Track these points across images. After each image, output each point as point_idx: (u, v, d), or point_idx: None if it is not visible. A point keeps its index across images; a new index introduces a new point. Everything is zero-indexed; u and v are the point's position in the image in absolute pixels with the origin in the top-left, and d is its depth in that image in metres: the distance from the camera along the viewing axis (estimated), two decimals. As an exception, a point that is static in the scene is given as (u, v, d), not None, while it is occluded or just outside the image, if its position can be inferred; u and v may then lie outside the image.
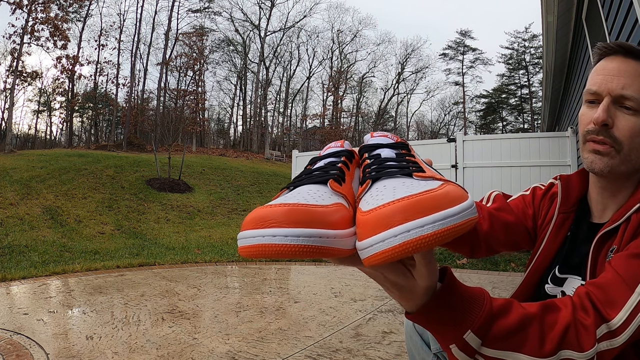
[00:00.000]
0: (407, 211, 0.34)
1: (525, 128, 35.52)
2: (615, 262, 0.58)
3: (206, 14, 31.57)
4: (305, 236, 0.36)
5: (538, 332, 0.49)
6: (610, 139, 0.67)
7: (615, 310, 0.52)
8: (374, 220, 0.35)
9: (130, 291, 3.41)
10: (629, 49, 0.68)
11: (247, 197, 12.20)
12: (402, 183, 0.41)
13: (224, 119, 37.87)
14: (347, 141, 0.58)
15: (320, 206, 0.39)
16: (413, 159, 0.47)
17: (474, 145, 6.00)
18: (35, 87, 28.39)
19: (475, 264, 4.86)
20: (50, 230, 7.15)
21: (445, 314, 0.47)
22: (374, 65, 37.89)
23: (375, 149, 0.50)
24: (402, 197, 0.36)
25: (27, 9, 19.87)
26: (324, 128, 34.58)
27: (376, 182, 0.43)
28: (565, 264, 0.76)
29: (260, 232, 0.36)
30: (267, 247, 0.36)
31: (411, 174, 0.43)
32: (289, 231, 0.36)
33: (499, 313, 0.49)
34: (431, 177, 0.43)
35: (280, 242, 0.36)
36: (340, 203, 0.42)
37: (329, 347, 2.20)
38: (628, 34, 2.37)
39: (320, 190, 0.44)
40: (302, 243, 0.36)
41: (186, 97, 29.68)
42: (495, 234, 0.83)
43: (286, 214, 0.37)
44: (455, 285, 0.49)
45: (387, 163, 0.46)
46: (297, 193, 0.42)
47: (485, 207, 0.87)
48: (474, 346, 0.47)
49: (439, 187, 0.38)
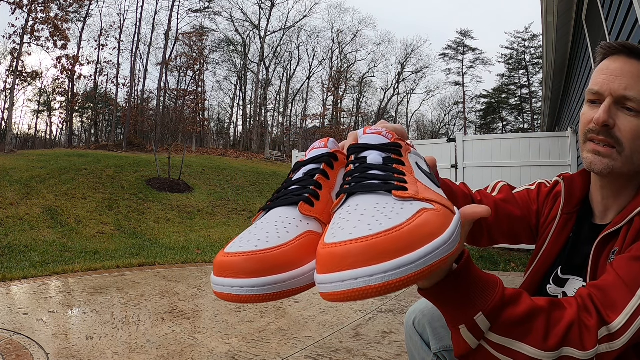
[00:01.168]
0: (359, 255, 0.31)
1: (525, 128, 35.53)
2: (617, 264, 0.57)
3: (206, 14, 31.59)
4: (260, 285, 0.38)
5: (544, 325, 0.49)
6: (612, 139, 0.66)
7: (616, 313, 0.52)
8: (327, 258, 0.33)
9: (130, 291, 3.41)
10: (633, 49, 0.67)
11: (247, 197, 12.20)
12: (375, 206, 0.37)
13: (224, 119, 37.91)
14: (331, 139, 0.56)
15: (279, 247, 0.40)
16: (401, 167, 0.43)
17: (474, 145, 6.00)
18: (35, 87, 28.41)
19: (475, 264, 4.87)
20: (50, 230, 7.15)
21: (460, 293, 0.48)
22: (374, 65, 37.82)
23: (363, 150, 0.46)
24: (359, 237, 0.32)
25: (27, 9, 19.86)
26: (324, 128, 34.56)
27: (351, 197, 0.41)
28: (567, 264, 0.76)
29: (221, 281, 0.39)
30: (228, 296, 0.39)
31: (390, 190, 0.39)
32: (244, 282, 0.38)
33: (510, 300, 0.49)
34: (412, 198, 0.38)
35: (238, 292, 0.38)
36: (306, 233, 0.43)
37: (329, 347, 2.20)
38: (628, 34, 2.36)
39: (289, 217, 0.45)
40: (258, 293, 0.38)
41: (186, 97, 29.68)
42: (499, 224, 0.83)
43: (241, 265, 0.38)
44: (472, 268, 0.49)
45: (370, 172, 0.43)
46: (264, 225, 0.44)
47: (490, 196, 0.86)
48: (482, 329, 0.48)
49: (411, 217, 0.35)
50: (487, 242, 0.85)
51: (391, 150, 0.45)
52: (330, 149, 0.54)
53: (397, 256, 0.31)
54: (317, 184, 0.49)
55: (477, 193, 0.85)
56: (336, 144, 0.56)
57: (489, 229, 0.82)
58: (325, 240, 0.34)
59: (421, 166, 0.47)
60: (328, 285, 0.32)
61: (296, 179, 0.51)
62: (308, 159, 0.53)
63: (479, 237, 0.83)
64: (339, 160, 0.53)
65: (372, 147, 0.46)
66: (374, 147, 0.46)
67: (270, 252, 0.39)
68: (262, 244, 0.40)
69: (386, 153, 0.45)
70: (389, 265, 0.31)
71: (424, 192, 0.40)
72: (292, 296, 0.40)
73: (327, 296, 0.32)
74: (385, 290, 0.31)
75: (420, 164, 0.47)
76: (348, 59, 36.48)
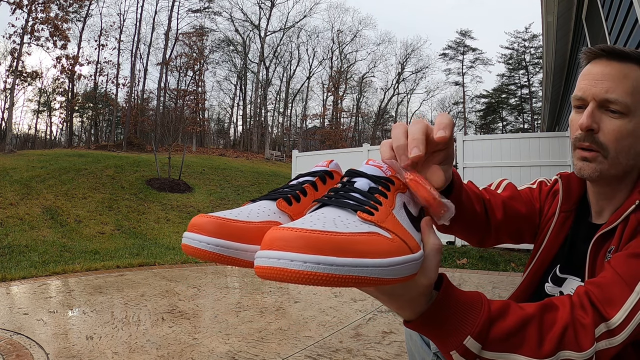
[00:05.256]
0: (289, 240, 0.33)
1: (525, 128, 35.56)
2: (615, 262, 0.58)
3: (206, 14, 31.60)
4: (214, 244, 0.45)
5: (536, 332, 0.49)
6: (596, 145, 0.67)
7: (615, 309, 0.52)
8: (267, 236, 0.35)
9: (130, 291, 3.41)
10: (612, 52, 0.68)
11: (247, 197, 12.19)
12: (337, 216, 0.40)
13: (224, 119, 37.92)
14: (335, 162, 0.60)
15: (242, 222, 0.47)
16: (381, 198, 0.44)
17: (474, 145, 6.00)
18: (35, 87, 28.41)
19: (475, 264, 4.86)
20: (50, 230, 7.15)
21: (445, 321, 0.47)
22: (374, 65, 37.90)
23: (356, 176, 0.48)
24: (299, 228, 0.35)
25: (27, 9, 19.87)
26: (324, 128, 34.58)
27: (323, 207, 0.43)
28: (565, 263, 0.76)
29: (188, 234, 0.46)
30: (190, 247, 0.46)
31: (357, 210, 0.41)
32: (204, 238, 0.45)
33: (497, 316, 0.49)
34: (373, 222, 0.40)
35: (197, 245, 0.45)
36: (274, 222, 0.49)
37: (329, 347, 2.20)
38: (628, 34, 2.37)
39: (266, 208, 0.51)
40: (212, 250, 0.44)
41: (186, 97, 29.70)
42: (507, 224, 0.82)
43: (207, 225, 0.46)
44: (453, 292, 0.49)
45: (351, 193, 0.45)
46: (243, 208, 0.51)
47: (498, 194, 0.85)
48: (474, 351, 0.48)
49: (359, 233, 0.36)
50: (494, 242, 0.84)
51: (381, 183, 0.46)
52: (329, 169, 0.59)
53: (321, 253, 0.33)
54: (303, 191, 0.55)
55: (485, 191, 0.84)
56: (338, 166, 0.61)
57: (498, 229, 0.81)
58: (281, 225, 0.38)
59: (408, 208, 0.47)
60: (258, 259, 0.35)
61: (290, 184, 0.57)
62: (307, 172, 0.59)
63: (487, 238, 0.82)
64: (334, 178, 0.58)
65: (365, 176, 0.47)
66: (367, 176, 0.47)
67: (233, 223, 0.46)
68: (232, 216, 0.48)
69: (375, 184, 0.46)
70: (309, 258, 0.33)
71: (391, 223, 0.41)
72: (243, 267, 0.46)
73: (256, 269, 0.35)
74: (301, 279, 0.32)
75: (408, 205, 0.47)
76: (348, 59, 36.53)
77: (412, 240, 0.42)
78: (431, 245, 0.45)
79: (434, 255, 0.44)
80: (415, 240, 0.43)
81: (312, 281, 0.33)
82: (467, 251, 5.32)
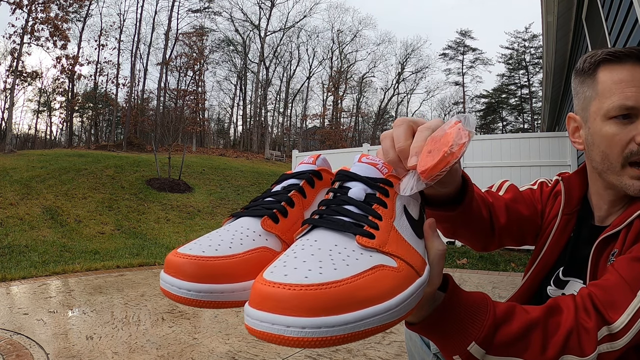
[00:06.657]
0: (284, 302, 0.29)
1: (525, 128, 35.55)
2: (618, 265, 0.57)
3: (206, 14, 31.62)
4: (196, 291, 0.39)
5: (541, 337, 0.49)
6: None
7: (618, 313, 0.51)
8: (256, 293, 0.32)
9: (130, 291, 3.41)
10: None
11: (247, 197, 12.19)
12: (334, 245, 0.35)
13: (224, 119, 37.90)
14: (322, 156, 0.54)
15: (224, 257, 0.40)
16: (380, 210, 0.40)
17: (474, 145, 6.00)
18: (35, 87, 28.40)
19: (475, 264, 4.86)
20: (50, 230, 7.15)
21: (449, 325, 0.46)
22: (374, 65, 37.81)
23: (349, 179, 0.43)
24: (292, 283, 0.30)
25: (27, 9, 19.85)
26: (324, 128, 34.57)
27: (315, 229, 0.39)
28: (568, 266, 0.75)
29: (165, 278, 0.40)
30: (169, 294, 0.40)
31: (356, 234, 0.37)
32: (183, 284, 0.39)
33: (502, 320, 0.48)
34: (375, 249, 0.36)
35: (176, 292, 0.39)
36: (261, 248, 0.43)
37: (329, 347, 2.20)
38: (628, 34, 2.36)
39: (250, 229, 0.44)
40: (194, 297, 0.39)
41: (186, 97, 29.68)
42: (510, 227, 0.80)
43: (183, 267, 0.39)
44: (458, 295, 0.48)
45: (346, 206, 0.40)
46: (223, 232, 0.44)
47: (500, 197, 0.83)
48: (478, 356, 0.47)
49: (361, 273, 0.32)
50: (497, 246, 0.83)
51: (378, 187, 0.42)
52: (316, 167, 0.52)
53: (320, 314, 0.29)
54: (290, 201, 0.48)
55: (487, 194, 0.82)
56: (326, 161, 0.54)
57: (501, 233, 0.79)
58: (264, 275, 0.33)
59: (409, 211, 0.43)
60: (249, 319, 0.31)
61: (274, 191, 0.50)
62: (292, 173, 0.52)
63: (490, 243, 0.80)
64: (323, 179, 0.51)
65: (360, 179, 0.42)
66: (362, 179, 0.42)
67: (213, 261, 0.40)
68: (211, 251, 0.41)
69: (372, 189, 0.42)
70: (308, 322, 0.29)
71: (394, 243, 0.38)
72: (234, 308, 0.40)
73: (248, 329, 0.32)
74: (302, 344, 0.29)
75: (409, 208, 0.43)
76: (348, 59, 36.52)
77: (417, 257, 0.39)
78: (435, 250, 0.43)
79: (438, 261, 0.43)
80: (419, 255, 0.40)
81: (314, 345, 0.29)
82: (467, 251, 5.31)
